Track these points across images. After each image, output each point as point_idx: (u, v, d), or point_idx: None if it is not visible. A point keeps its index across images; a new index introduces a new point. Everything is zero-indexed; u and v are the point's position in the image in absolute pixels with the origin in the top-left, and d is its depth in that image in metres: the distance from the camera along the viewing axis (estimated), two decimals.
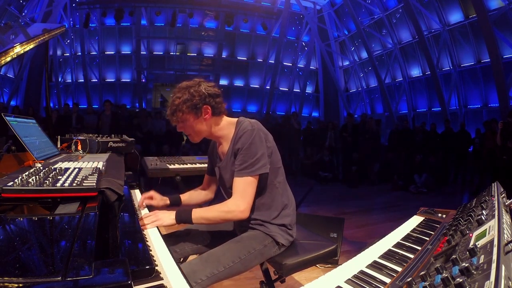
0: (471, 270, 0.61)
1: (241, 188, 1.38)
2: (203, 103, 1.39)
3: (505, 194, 1.20)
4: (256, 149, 1.37)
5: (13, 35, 2.16)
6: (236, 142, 1.40)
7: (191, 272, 1.24)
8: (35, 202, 0.97)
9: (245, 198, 1.38)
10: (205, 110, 1.41)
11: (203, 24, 14.56)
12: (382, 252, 1.18)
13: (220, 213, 1.39)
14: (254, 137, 1.37)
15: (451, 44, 10.35)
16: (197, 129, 1.44)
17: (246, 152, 1.37)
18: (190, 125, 1.43)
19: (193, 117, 1.41)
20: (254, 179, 1.38)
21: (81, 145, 2.11)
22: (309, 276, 2.47)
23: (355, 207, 5.27)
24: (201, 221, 1.40)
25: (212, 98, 1.41)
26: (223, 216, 1.40)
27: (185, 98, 1.38)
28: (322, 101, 16.14)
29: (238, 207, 1.37)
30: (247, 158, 1.37)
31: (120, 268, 0.66)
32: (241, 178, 1.38)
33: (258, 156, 1.37)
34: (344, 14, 14.12)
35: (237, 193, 1.38)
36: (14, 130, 1.42)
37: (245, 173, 1.37)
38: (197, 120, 1.42)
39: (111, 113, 7.07)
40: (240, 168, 1.38)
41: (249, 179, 1.37)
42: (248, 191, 1.38)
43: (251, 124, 1.41)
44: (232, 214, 1.38)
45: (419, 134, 8.21)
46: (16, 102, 12.55)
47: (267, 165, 1.41)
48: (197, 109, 1.39)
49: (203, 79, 1.47)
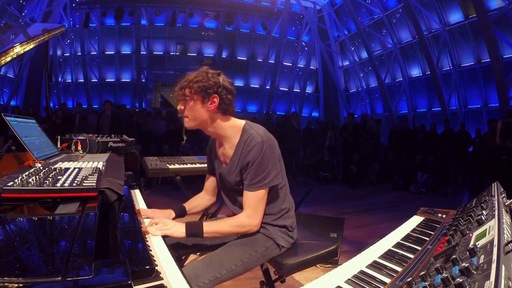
0: (471, 270, 0.61)
1: (254, 203, 1.37)
2: (214, 91, 1.35)
3: (505, 194, 1.20)
4: (267, 162, 1.35)
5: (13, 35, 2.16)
6: (246, 155, 1.36)
7: (194, 275, 1.24)
8: (35, 202, 0.97)
9: (258, 212, 1.38)
10: (213, 99, 1.36)
11: (203, 24, 14.57)
12: (382, 252, 1.18)
13: (234, 227, 1.39)
14: (265, 151, 1.34)
15: (451, 44, 10.35)
16: (197, 114, 1.38)
17: (258, 167, 1.34)
18: (191, 107, 1.37)
19: (200, 99, 1.35)
20: (265, 192, 1.39)
21: (81, 145, 2.11)
22: (309, 276, 2.47)
23: (355, 207, 5.27)
24: (213, 235, 1.40)
25: (225, 91, 1.37)
26: (237, 230, 1.41)
27: (199, 78, 1.35)
28: (322, 101, 16.14)
29: (252, 221, 1.38)
30: (259, 172, 1.35)
31: (120, 268, 0.66)
32: (253, 193, 1.37)
33: (269, 168, 1.36)
34: (344, 14, 14.12)
35: (250, 208, 1.38)
36: (14, 130, 1.42)
37: (257, 187, 1.36)
38: (201, 105, 1.36)
39: (111, 113, 7.07)
40: (252, 183, 1.36)
41: (261, 193, 1.37)
42: (260, 205, 1.38)
43: (260, 135, 1.36)
44: (246, 229, 1.40)
45: (419, 134, 8.21)
46: (16, 102, 12.55)
47: (279, 175, 1.41)
48: (206, 93, 1.34)
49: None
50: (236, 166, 1.41)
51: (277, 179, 1.40)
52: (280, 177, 1.42)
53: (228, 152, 1.46)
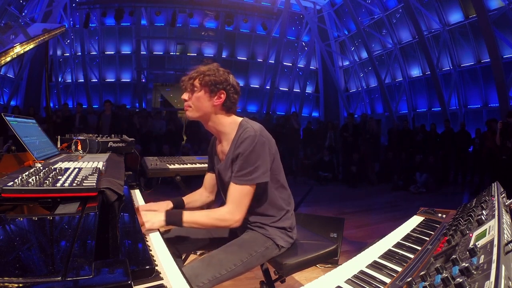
0: (471, 270, 0.61)
1: (237, 197, 1.35)
2: (223, 87, 1.38)
3: (505, 194, 1.20)
4: (256, 157, 1.33)
5: (13, 35, 2.16)
6: (237, 146, 1.36)
7: (193, 275, 1.24)
8: (35, 202, 0.97)
9: (240, 207, 1.35)
10: (220, 95, 1.38)
11: (203, 24, 14.57)
12: (382, 252, 1.18)
13: (214, 220, 1.36)
14: (256, 144, 1.33)
15: (451, 44, 10.36)
16: (201, 106, 1.39)
17: (246, 159, 1.33)
18: (198, 98, 1.38)
19: (207, 93, 1.37)
20: (251, 188, 1.35)
21: (81, 145, 2.11)
22: (309, 276, 2.47)
23: (355, 207, 5.27)
24: (191, 225, 1.37)
25: (233, 90, 1.40)
26: (216, 224, 1.38)
27: (211, 73, 1.38)
28: (322, 101, 16.15)
29: (233, 216, 1.35)
30: (246, 165, 1.33)
31: (120, 268, 0.66)
32: (238, 186, 1.35)
33: (258, 164, 1.34)
34: (344, 14, 14.12)
35: (233, 202, 1.35)
36: (14, 130, 1.42)
37: (242, 180, 1.34)
38: (208, 98, 1.38)
39: (111, 113, 7.07)
40: (238, 175, 1.34)
41: (246, 189, 1.34)
42: (244, 201, 1.35)
43: (254, 130, 1.36)
44: (226, 223, 1.37)
45: (419, 134, 8.22)
46: (16, 102, 12.56)
47: (267, 173, 1.38)
48: (215, 88, 1.37)
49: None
50: (230, 160, 1.41)
51: (265, 177, 1.37)
52: (268, 176, 1.39)
53: (225, 149, 1.47)
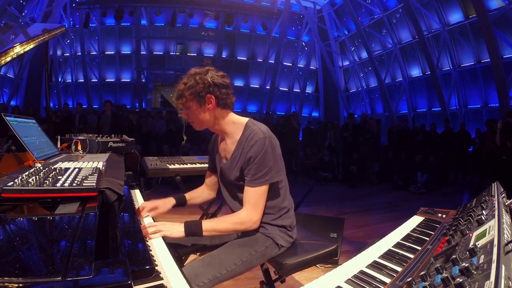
0: (471, 270, 0.61)
1: (254, 199, 1.37)
2: (207, 91, 1.35)
3: (505, 194, 1.20)
4: (269, 158, 1.36)
5: (13, 35, 2.16)
6: (248, 150, 1.36)
7: (193, 275, 1.24)
8: (35, 202, 0.97)
9: (257, 209, 1.38)
10: (209, 99, 1.36)
11: (203, 24, 14.57)
12: (382, 252, 1.18)
13: (233, 225, 1.38)
14: (267, 146, 1.35)
15: (451, 44, 10.35)
16: (200, 118, 1.40)
17: (260, 162, 1.35)
18: (193, 113, 1.39)
19: (196, 105, 1.37)
20: (266, 187, 1.38)
21: (81, 145, 2.11)
22: (309, 276, 2.47)
23: (355, 207, 5.27)
24: (212, 234, 1.39)
25: (218, 88, 1.37)
26: (236, 228, 1.40)
27: (189, 85, 1.36)
28: (322, 101, 16.14)
29: (251, 218, 1.37)
30: (261, 168, 1.35)
31: (120, 268, 0.66)
32: (254, 188, 1.36)
33: (271, 165, 1.36)
34: (344, 14, 14.12)
35: (250, 204, 1.37)
36: (14, 130, 1.42)
37: (258, 183, 1.36)
38: (201, 108, 1.38)
39: (111, 113, 7.07)
40: (254, 178, 1.36)
41: (262, 189, 1.37)
42: (260, 202, 1.38)
43: (263, 132, 1.38)
44: (245, 226, 1.38)
45: (419, 134, 8.21)
46: (16, 102, 12.55)
47: (280, 171, 1.41)
48: (200, 97, 1.35)
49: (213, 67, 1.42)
50: (238, 161, 1.41)
51: (278, 176, 1.40)
52: (281, 174, 1.43)
53: (230, 148, 1.47)
